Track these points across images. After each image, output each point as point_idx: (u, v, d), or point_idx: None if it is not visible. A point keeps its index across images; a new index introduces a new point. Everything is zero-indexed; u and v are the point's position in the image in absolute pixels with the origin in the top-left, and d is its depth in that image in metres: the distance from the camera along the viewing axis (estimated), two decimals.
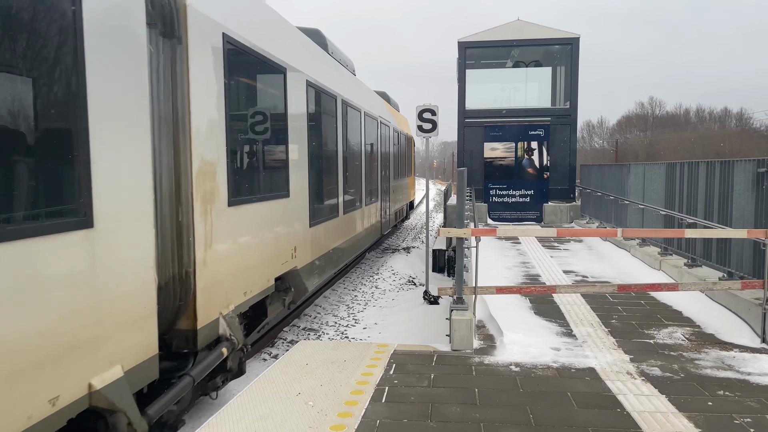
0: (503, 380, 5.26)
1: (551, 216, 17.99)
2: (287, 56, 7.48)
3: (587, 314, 7.43)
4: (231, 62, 5.75)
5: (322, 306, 10.72)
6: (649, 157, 62.37)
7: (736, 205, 8.08)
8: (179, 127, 4.84)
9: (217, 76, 5.45)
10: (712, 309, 7.49)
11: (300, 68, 7.97)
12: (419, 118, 10.67)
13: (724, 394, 4.91)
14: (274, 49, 7.01)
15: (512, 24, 19.53)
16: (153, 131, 4.44)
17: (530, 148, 18.21)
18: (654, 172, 11.62)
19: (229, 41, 5.72)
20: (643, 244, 11.42)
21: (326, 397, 4.84)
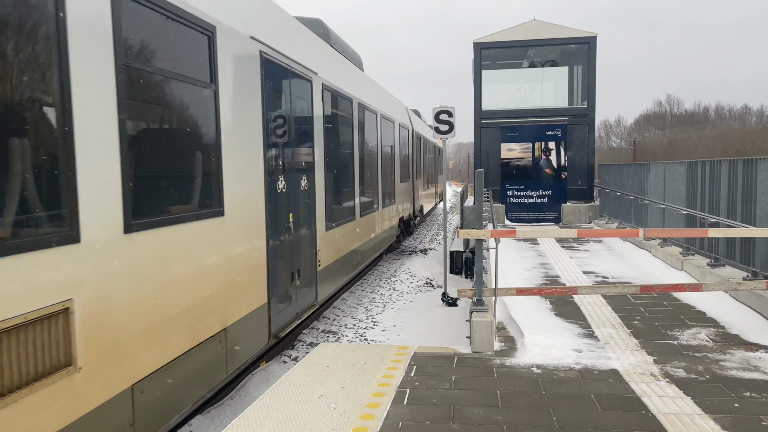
0: (525, 382, 5.23)
1: (570, 216, 17.85)
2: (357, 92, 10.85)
3: (609, 315, 7.36)
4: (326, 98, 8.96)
5: (340, 308, 10.74)
6: (667, 156, 61.61)
7: (760, 204, 7.96)
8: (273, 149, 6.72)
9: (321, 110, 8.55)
10: (736, 309, 7.38)
11: (350, 93, 10.34)
12: (436, 120, 10.66)
13: (750, 396, 4.83)
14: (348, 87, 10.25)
15: (528, 24, 19.43)
16: (264, 153, 6.36)
17: (548, 148, 18.09)
18: (674, 171, 11.49)
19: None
20: (664, 244, 11.28)
21: (348, 399, 4.85)
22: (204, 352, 5.12)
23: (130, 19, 4.12)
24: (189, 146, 5.04)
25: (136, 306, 4.18)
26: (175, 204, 4.79)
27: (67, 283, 3.50)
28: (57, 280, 3.43)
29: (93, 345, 3.72)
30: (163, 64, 4.64)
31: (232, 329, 5.66)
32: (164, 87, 4.71)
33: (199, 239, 5.09)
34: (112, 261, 3.92)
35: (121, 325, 4.02)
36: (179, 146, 4.95)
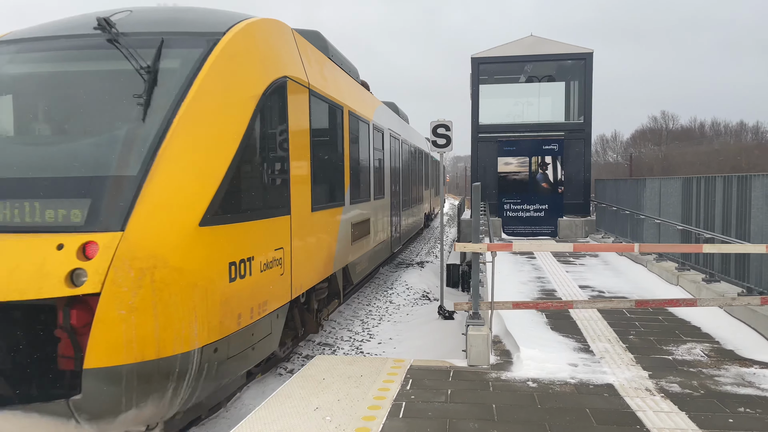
0: (521, 396, 5.24)
1: (566, 231, 17.91)
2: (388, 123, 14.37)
3: (604, 330, 7.38)
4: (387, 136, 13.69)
5: (336, 321, 10.73)
6: (664, 171, 61.91)
7: (754, 220, 8.02)
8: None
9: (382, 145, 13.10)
10: (731, 325, 7.42)
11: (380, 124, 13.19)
12: (434, 134, 10.72)
13: (744, 411, 4.85)
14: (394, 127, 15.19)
15: (525, 40, 19.62)
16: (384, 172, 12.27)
17: (544, 162, 18.19)
18: (670, 186, 11.57)
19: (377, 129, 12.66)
20: (659, 259, 11.33)
21: (344, 412, 4.86)
22: (374, 250, 12.08)
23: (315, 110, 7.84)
24: (336, 170, 8.96)
25: (318, 241, 7.96)
26: (345, 196, 9.45)
27: (285, 235, 6.62)
28: (277, 238, 6.42)
29: (293, 263, 6.91)
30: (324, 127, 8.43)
31: (386, 242, 13.51)
32: (324, 139, 8.34)
33: (351, 212, 9.90)
34: (304, 225, 7.32)
35: (314, 251, 7.83)
36: (332, 171, 8.73)
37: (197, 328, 4.75)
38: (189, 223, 4.80)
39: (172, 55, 5.40)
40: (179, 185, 4.87)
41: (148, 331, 4.44)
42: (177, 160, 4.90)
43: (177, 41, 5.52)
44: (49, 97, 5.53)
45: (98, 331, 4.29)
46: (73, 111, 5.31)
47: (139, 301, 4.41)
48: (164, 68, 5.29)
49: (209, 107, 5.26)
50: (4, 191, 4.76)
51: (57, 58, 5.61)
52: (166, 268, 4.57)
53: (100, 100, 5.29)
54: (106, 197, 4.68)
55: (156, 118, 5.01)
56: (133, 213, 4.59)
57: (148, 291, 4.46)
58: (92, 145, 5.06)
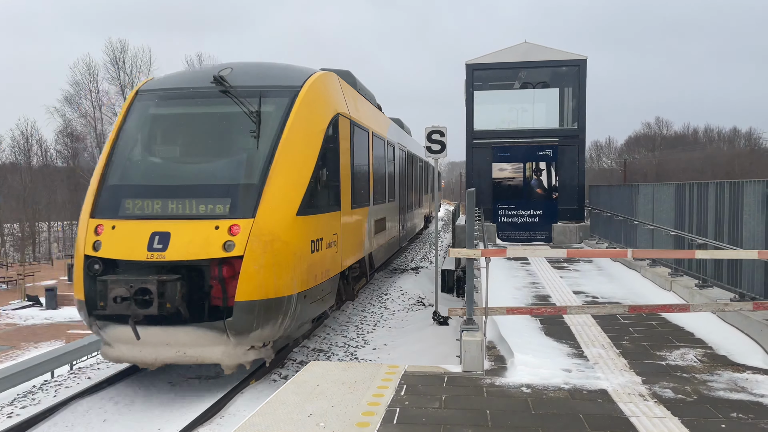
0: (515, 402, 5.25)
1: (560, 236, 17.95)
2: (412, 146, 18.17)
3: (598, 335, 7.40)
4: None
5: (331, 327, 10.72)
6: (658, 177, 62.20)
7: (746, 226, 8.07)
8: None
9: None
10: (723, 330, 7.45)
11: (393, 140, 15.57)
12: (428, 140, 10.76)
13: (737, 417, 4.87)
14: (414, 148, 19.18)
15: (520, 46, 19.71)
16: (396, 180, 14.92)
17: (539, 168, 18.25)
18: (663, 192, 11.63)
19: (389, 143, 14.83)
20: (653, 265, 11.37)
21: (338, 418, 4.85)
22: (389, 243, 14.15)
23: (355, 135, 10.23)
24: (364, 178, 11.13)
25: (348, 238, 9.70)
26: (370, 199, 11.54)
27: (337, 225, 8.86)
28: (333, 226, 8.63)
29: (342, 245, 9.10)
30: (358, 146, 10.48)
31: (396, 238, 15.42)
32: (357, 155, 10.34)
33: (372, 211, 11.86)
34: (348, 219, 9.54)
35: (352, 238, 10.00)
36: (362, 178, 10.85)
37: (295, 281, 7.37)
38: (290, 214, 7.39)
39: (269, 103, 7.96)
40: (283, 190, 7.43)
41: (269, 280, 7.00)
42: (281, 174, 7.44)
43: (271, 92, 8.09)
44: (192, 131, 8.17)
45: (242, 279, 6.81)
46: (211, 140, 7.97)
47: (265, 261, 6.97)
48: (265, 111, 7.85)
49: (297, 139, 7.80)
50: (178, 193, 7.31)
51: (192, 104, 8.28)
52: (279, 242, 7.18)
53: (227, 133, 7.97)
54: (241, 197, 7.25)
55: (265, 146, 7.59)
56: (258, 207, 7.14)
57: (269, 255, 7.03)
58: (227, 163, 7.70)
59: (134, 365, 7.84)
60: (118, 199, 7.40)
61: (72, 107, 59.40)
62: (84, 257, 7.10)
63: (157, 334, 6.92)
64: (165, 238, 6.91)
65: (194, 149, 8.08)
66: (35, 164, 63.19)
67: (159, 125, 8.30)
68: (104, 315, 7.01)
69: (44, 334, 21.91)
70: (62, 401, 7.26)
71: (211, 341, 6.90)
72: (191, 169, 7.74)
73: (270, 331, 7.17)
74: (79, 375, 8.60)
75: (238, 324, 6.84)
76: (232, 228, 6.95)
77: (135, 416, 6.90)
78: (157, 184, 7.54)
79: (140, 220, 7.18)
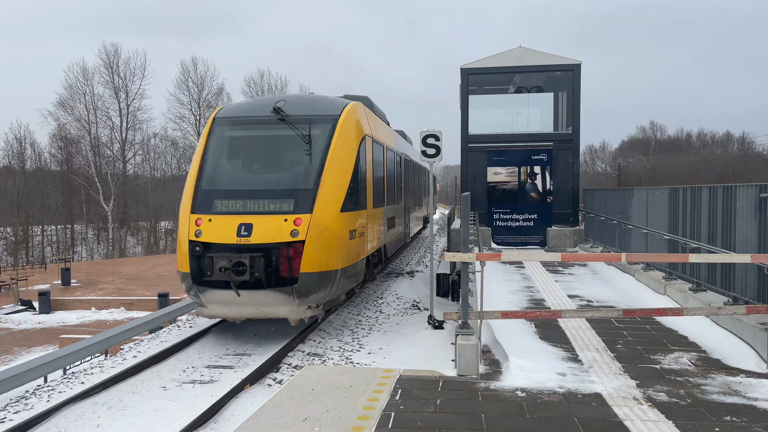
0: (509, 406, 5.25)
1: (555, 240, 18.00)
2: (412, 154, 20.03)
3: (593, 339, 7.42)
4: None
5: (326, 331, 10.70)
6: (652, 181, 62.46)
7: (739, 230, 8.11)
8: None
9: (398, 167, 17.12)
10: (717, 334, 7.48)
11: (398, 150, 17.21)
12: (423, 144, 10.77)
13: (731, 420, 4.89)
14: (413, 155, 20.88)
15: (514, 51, 19.78)
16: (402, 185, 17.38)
17: (533, 172, 18.31)
18: (657, 196, 11.68)
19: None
20: (647, 269, 11.41)
21: (333, 422, 4.85)
22: (397, 238, 16.32)
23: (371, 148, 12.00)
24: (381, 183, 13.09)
25: (371, 230, 11.74)
26: (385, 200, 13.51)
27: (364, 220, 11.18)
28: (362, 221, 11.04)
29: (367, 236, 11.39)
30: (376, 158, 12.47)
31: (402, 234, 17.36)
32: (376, 165, 12.27)
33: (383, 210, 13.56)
34: (371, 216, 11.66)
35: (374, 231, 12.10)
36: (379, 183, 12.76)
37: (339, 260, 9.79)
38: (336, 210, 9.77)
39: (316, 128, 10.36)
40: (331, 193, 9.77)
41: (323, 258, 9.40)
42: (328, 181, 9.81)
43: (317, 120, 10.46)
44: (260, 149, 10.69)
45: (305, 257, 9.17)
46: (275, 156, 10.54)
47: (320, 245, 9.36)
48: (314, 135, 10.28)
49: (338, 156, 10.14)
50: (255, 195, 9.72)
51: (258, 128, 10.78)
52: (329, 231, 9.56)
53: (287, 151, 10.49)
54: (302, 198, 9.63)
55: (316, 161, 10.04)
56: (315, 205, 9.49)
57: (323, 240, 9.40)
58: (290, 174, 10.29)
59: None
60: (210, 199, 9.83)
61: (66, 111, 59.26)
62: (189, 242, 9.49)
63: (244, 296, 9.22)
64: (249, 228, 9.32)
65: (263, 163, 10.62)
66: (29, 168, 62.93)
67: (235, 144, 10.84)
68: (205, 281, 9.39)
69: (37, 338, 21.79)
70: (55, 406, 7.23)
71: (281, 302, 9.29)
72: (262, 178, 10.26)
73: (322, 295, 9.57)
74: (73, 380, 8.56)
75: (301, 289, 9.21)
76: (296, 220, 9.35)
77: (129, 421, 6.87)
78: (238, 189, 9.99)
79: (229, 215, 9.57)
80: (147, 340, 10.70)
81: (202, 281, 9.40)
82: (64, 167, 60.91)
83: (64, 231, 59.19)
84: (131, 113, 62.10)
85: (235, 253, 9.13)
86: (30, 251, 54.34)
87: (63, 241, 58.67)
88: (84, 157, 59.48)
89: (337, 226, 9.70)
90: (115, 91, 61.24)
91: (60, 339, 19.87)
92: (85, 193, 58.84)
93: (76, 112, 59.45)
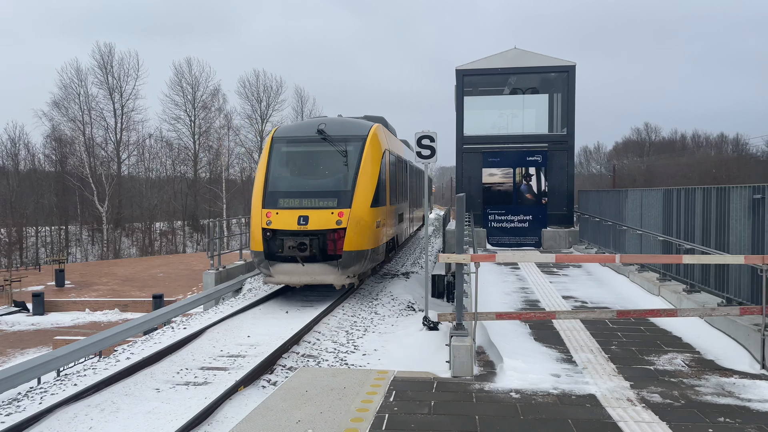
0: (504, 407, 5.25)
1: (550, 241, 18.02)
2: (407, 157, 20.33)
3: (587, 340, 7.43)
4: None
5: (321, 332, 10.68)
6: (646, 183, 62.65)
7: (732, 231, 8.13)
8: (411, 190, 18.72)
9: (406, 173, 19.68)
10: (711, 335, 7.50)
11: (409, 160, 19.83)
12: (418, 145, 10.77)
13: (724, 421, 4.90)
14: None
15: (509, 52, 19.82)
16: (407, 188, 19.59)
17: (528, 173, 18.34)
18: (651, 197, 11.71)
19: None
20: (641, 270, 11.44)
21: (326, 424, 4.83)
22: (403, 231, 18.94)
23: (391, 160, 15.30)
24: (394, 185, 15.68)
25: (388, 222, 14.81)
26: (397, 199, 16.27)
27: (384, 214, 14.12)
28: (383, 215, 13.95)
29: (385, 226, 14.30)
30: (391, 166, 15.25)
31: (408, 227, 20.23)
32: (391, 171, 15.13)
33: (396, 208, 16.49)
34: (388, 211, 14.61)
35: (389, 223, 15.05)
36: (394, 185, 15.56)
37: (369, 242, 12.58)
38: (367, 206, 12.52)
39: (350, 145, 13.22)
40: (363, 194, 12.61)
41: (359, 241, 12.24)
42: (361, 185, 12.64)
43: (351, 139, 13.32)
44: (310, 161, 13.50)
45: (346, 240, 12.08)
46: (322, 167, 13.30)
47: (356, 231, 12.23)
48: (349, 150, 13.15)
49: (367, 167, 12.98)
50: (308, 195, 12.61)
51: (307, 146, 13.63)
52: (363, 221, 12.39)
53: (330, 162, 13.23)
54: (343, 198, 12.49)
55: (352, 170, 12.88)
56: (352, 203, 12.35)
57: (358, 228, 12.26)
58: (333, 179, 12.99)
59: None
60: (276, 198, 12.88)
61: (60, 111, 59.04)
62: (262, 229, 12.61)
63: (303, 267, 12.35)
64: (306, 219, 12.38)
65: (313, 171, 13.49)
66: (23, 169, 62.66)
67: (291, 158, 13.83)
68: (274, 257, 12.47)
69: (31, 340, 21.68)
70: (48, 408, 7.18)
71: (329, 272, 12.36)
72: (313, 182, 13.17)
73: (358, 268, 12.60)
74: (66, 381, 8.50)
75: (343, 263, 12.26)
76: (340, 213, 12.36)
77: (121, 423, 6.83)
78: (296, 191, 13.00)
79: (290, 209, 12.62)
80: (141, 341, 10.65)
81: (271, 257, 12.54)
82: (58, 168, 60.66)
83: (58, 232, 58.93)
84: (126, 114, 61.95)
85: (298, 236, 12.35)
86: (24, 252, 54.11)
87: (57, 242, 58.42)
88: (78, 158, 59.26)
89: (368, 217, 12.72)
90: (109, 91, 61.08)
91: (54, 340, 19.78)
92: (79, 194, 58.60)
93: (70, 113, 59.28)
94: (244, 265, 17.18)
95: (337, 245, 12.30)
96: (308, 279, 12.42)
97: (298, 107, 69.76)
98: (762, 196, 7.31)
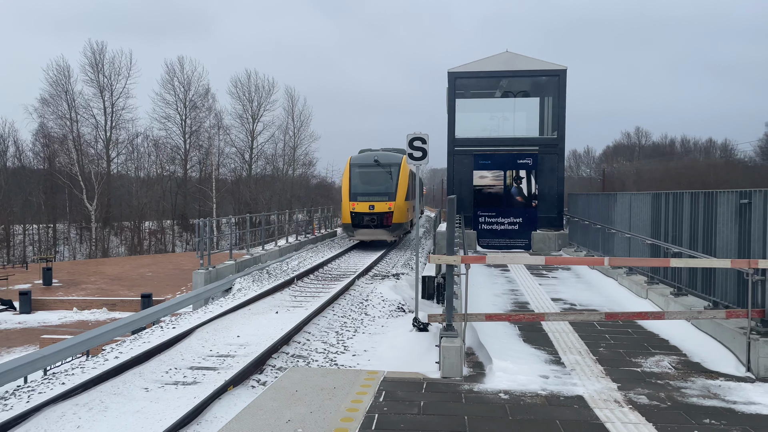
0: (492, 408, 5.29)
1: (540, 244, 18.13)
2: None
3: (575, 342, 7.49)
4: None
5: (311, 333, 10.68)
6: (636, 187, 63.09)
7: (719, 235, 8.23)
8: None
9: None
10: (697, 338, 7.58)
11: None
12: (410, 146, 10.80)
13: (710, 423, 4.96)
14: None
15: (501, 55, 19.92)
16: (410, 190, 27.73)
17: (519, 176, 18.44)
18: (640, 201, 11.81)
19: None
20: (630, 273, 11.54)
21: (316, 424, 4.84)
22: (413, 219, 28.80)
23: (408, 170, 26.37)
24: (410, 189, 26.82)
25: (410, 210, 27.74)
26: (409, 197, 26.49)
27: (408, 206, 26.37)
28: (408, 206, 26.89)
29: (407, 213, 26.21)
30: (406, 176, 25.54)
31: (412, 218, 28.59)
32: (410, 182, 26.37)
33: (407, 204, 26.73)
34: (408, 204, 26.03)
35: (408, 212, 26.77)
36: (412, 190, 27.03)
37: (404, 219, 24.08)
38: (403, 200, 23.86)
39: (392, 167, 24.40)
40: (400, 194, 23.86)
41: (399, 218, 23.73)
42: (400, 189, 23.94)
43: (392, 164, 24.40)
44: (372, 176, 24.43)
45: (393, 217, 23.57)
46: (378, 180, 24.37)
47: (398, 213, 23.71)
48: (392, 171, 24.34)
49: (402, 179, 24.14)
50: (374, 194, 23.99)
51: (369, 167, 24.63)
52: (401, 208, 23.88)
53: (383, 178, 24.40)
54: (390, 196, 23.87)
55: (395, 181, 24.10)
56: (396, 198, 23.81)
57: (399, 212, 23.76)
58: (385, 186, 24.22)
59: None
60: (356, 195, 23.53)
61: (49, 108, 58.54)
62: (350, 211, 23.28)
63: (372, 231, 23.30)
64: (372, 206, 23.05)
65: (374, 182, 23.83)
66: (11, 166, 62.03)
67: (362, 175, 24.06)
68: (356, 226, 23.42)
69: (17, 338, 21.49)
70: (35, 407, 7.14)
71: (385, 234, 23.32)
72: (374, 187, 23.58)
73: (399, 232, 23.81)
74: (53, 380, 8.45)
75: (392, 229, 23.10)
76: (389, 204, 22.97)
77: (109, 422, 6.80)
78: (366, 192, 23.53)
79: (364, 201, 23.25)
80: (129, 340, 10.61)
81: (355, 226, 23.34)
82: (46, 165, 60.12)
83: (46, 230, 58.41)
84: (116, 112, 61.51)
85: (369, 215, 22.98)
86: (11, 250, 53.56)
87: (45, 241, 57.89)
88: (67, 156, 58.77)
89: (403, 206, 23.33)
90: (100, 90, 60.64)
91: (41, 339, 19.60)
92: (68, 192, 58.10)
93: (60, 110, 58.79)
94: (233, 264, 17.13)
95: (389, 220, 22.99)
96: (374, 237, 23.36)
97: (288, 107, 69.60)
98: (748, 201, 7.41)
